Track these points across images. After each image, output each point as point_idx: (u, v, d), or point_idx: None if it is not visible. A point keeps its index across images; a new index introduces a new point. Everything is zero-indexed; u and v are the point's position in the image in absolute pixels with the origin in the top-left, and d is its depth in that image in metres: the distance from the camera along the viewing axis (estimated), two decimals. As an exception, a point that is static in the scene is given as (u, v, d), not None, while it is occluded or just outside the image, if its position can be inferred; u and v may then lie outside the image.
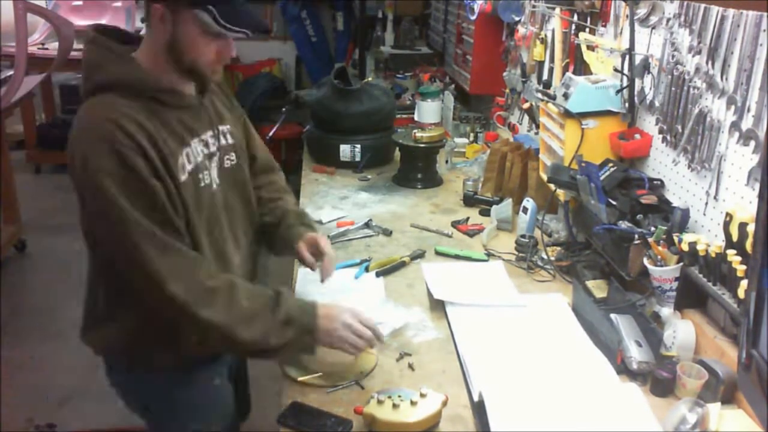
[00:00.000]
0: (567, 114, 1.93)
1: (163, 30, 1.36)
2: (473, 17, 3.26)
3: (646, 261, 1.60)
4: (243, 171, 1.59)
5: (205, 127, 1.47)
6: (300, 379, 1.45)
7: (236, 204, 1.56)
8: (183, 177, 1.37)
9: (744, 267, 1.31)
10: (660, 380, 1.44)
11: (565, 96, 1.95)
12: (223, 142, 1.52)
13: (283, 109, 4.87)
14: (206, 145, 1.46)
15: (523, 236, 2.12)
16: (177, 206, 1.34)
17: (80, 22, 5.16)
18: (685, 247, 1.49)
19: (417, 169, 2.69)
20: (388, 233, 2.23)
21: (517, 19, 2.91)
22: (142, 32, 1.45)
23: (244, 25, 1.35)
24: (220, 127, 1.53)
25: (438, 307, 1.79)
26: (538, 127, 2.47)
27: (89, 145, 1.28)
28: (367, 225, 2.28)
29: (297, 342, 1.39)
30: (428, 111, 3.18)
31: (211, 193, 1.46)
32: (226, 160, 1.53)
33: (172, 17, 1.34)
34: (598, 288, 1.82)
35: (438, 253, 2.12)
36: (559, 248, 2.07)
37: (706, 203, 1.59)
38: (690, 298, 1.54)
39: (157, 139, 1.32)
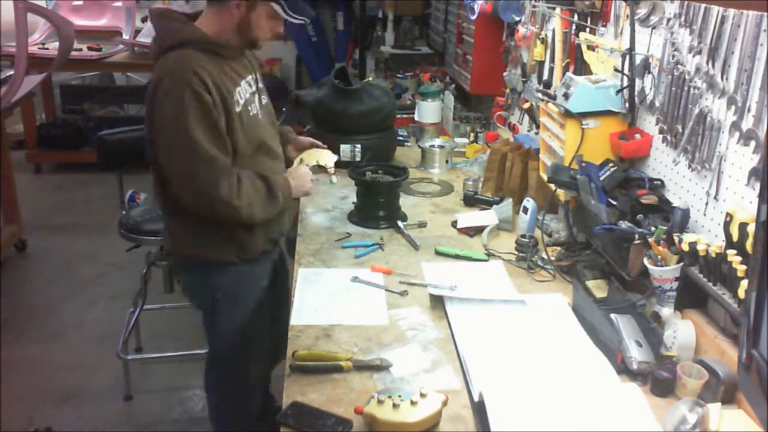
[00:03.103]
0: (567, 114, 1.93)
1: (236, 13, 1.82)
2: (473, 17, 3.26)
3: (646, 261, 1.60)
4: (270, 106, 2.13)
5: (248, 72, 1.96)
6: None
7: (271, 128, 2.09)
8: (237, 108, 1.84)
9: (744, 267, 1.31)
10: (660, 380, 1.44)
11: (566, 96, 1.95)
12: (259, 85, 2.03)
13: (284, 109, 4.87)
14: (249, 84, 1.95)
15: (523, 236, 2.12)
16: (232, 130, 1.82)
17: (80, 22, 5.17)
18: (685, 247, 1.49)
19: (378, 206, 2.35)
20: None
21: (517, 19, 2.91)
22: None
23: (301, 14, 1.88)
24: (255, 74, 2.02)
25: (438, 307, 1.79)
26: (538, 127, 2.47)
27: (173, 85, 1.72)
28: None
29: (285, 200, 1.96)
30: (428, 111, 3.18)
31: (258, 120, 1.97)
32: (263, 98, 2.05)
33: (246, 5, 1.81)
34: (598, 288, 1.82)
35: (438, 253, 2.12)
36: (559, 248, 2.07)
37: (707, 203, 1.59)
38: (690, 298, 1.54)
39: (218, 82, 1.77)
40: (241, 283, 2.02)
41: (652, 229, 1.61)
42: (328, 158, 2.23)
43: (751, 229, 1.32)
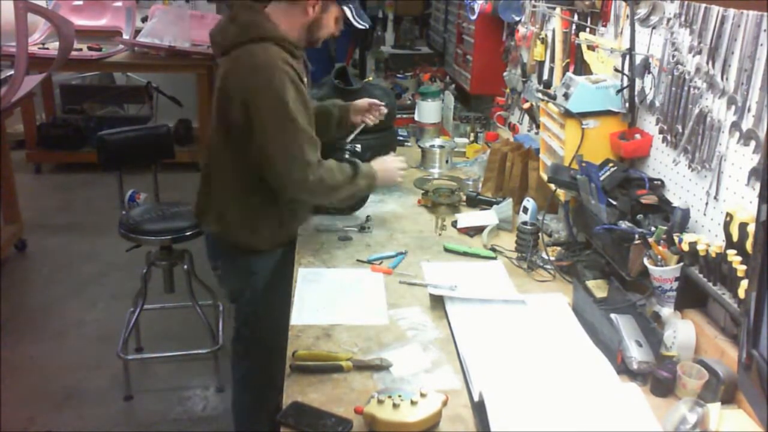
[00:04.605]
0: (567, 114, 1.93)
1: (311, 13, 1.97)
2: (473, 17, 3.26)
3: (646, 261, 1.60)
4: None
5: (303, 71, 2.05)
6: None
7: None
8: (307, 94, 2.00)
9: (744, 267, 1.31)
10: (660, 380, 1.44)
11: (566, 96, 1.95)
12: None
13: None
14: (304, 82, 2.02)
15: (525, 223, 2.11)
16: (308, 111, 1.98)
17: (80, 21, 5.17)
18: (685, 247, 1.49)
19: None
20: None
21: (517, 19, 2.91)
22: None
23: (365, 20, 2.11)
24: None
25: (438, 307, 1.79)
26: (538, 127, 2.48)
27: (273, 72, 1.86)
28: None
29: (369, 187, 2.14)
30: (428, 111, 3.18)
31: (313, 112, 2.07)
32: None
33: (321, 8, 1.98)
34: (598, 288, 1.82)
35: (447, 250, 2.13)
36: (559, 248, 2.08)
37: (707, 203, 1.59)
38: (690, 298, 1.54)
39: (299, 75, 1.95)
40: (278, 268, 2.14)
41: (652, 229, 1.61)
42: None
43: (751, 229, 1.32)
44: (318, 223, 2.29)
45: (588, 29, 2.22)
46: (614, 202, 1.74)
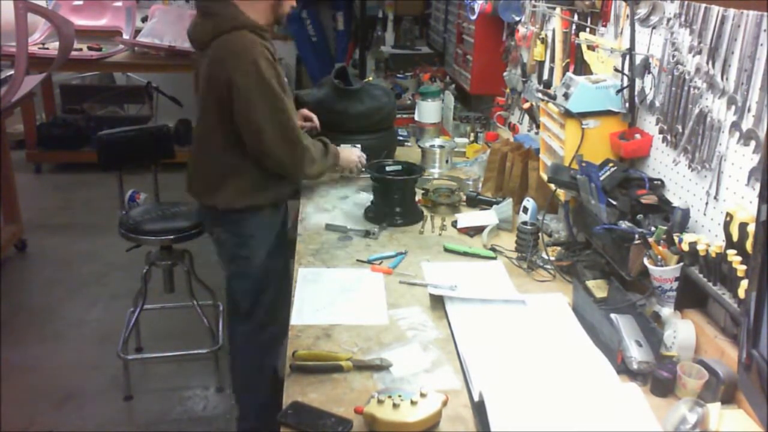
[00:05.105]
0: (567, 114, 1.93)
1: None
2: (473, 17, 3.26)
3: (646, 261, 1.60)
4: None
5: (275, 52, 2.18)
6: None
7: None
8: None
9: (744, 267, 1.31)
10: (660, 380, 1.44)
11: (566, 96, 1.95)
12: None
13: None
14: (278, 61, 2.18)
15: (525, 223, 2.11)
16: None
17: (80, 21, 5.17)
18: (685, 247, 1.49)
19: (394, 203, 2.34)
20: None
21: (517, 19, 2.91)
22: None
23: None
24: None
25: (438, 307, 1.79)
26: (538, 127, 2.48)
27: (253, 55, 2.03)
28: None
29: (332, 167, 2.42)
30: (428, 111, 3.18)
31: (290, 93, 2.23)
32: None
33: None
34: (598, 288, 1.82)
35: (447, 250, 2.13)
36: (559, 248, 2.08)
37: (707, 203, 1.59)
38: (690, 298, 1.54)
39: (274, 56, 2.12)
40: (271, 224, 2.35)
41: (652, 229, 1.61)
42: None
43: (751, 229, 1.32)
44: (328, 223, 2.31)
45: (588, 29, 2.22)
46: (614, 202, 1.74)
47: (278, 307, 2.37)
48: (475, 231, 2.26)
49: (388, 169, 2.46)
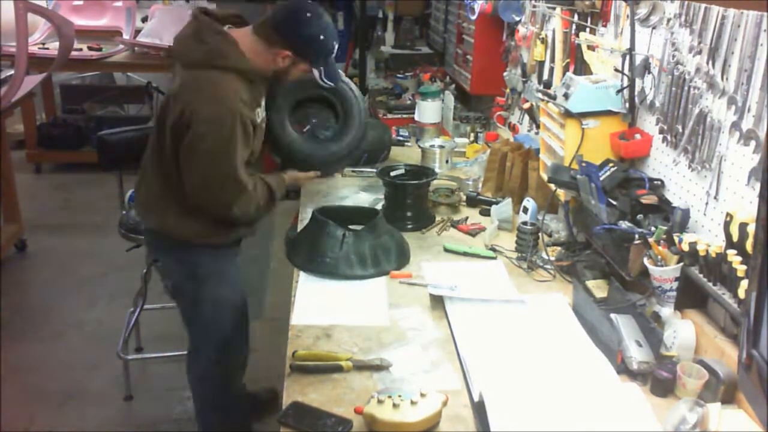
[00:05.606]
0: (567, 114, 1.93)
1: (279, 62, 1.97)
2: (474, 17, 3.26)
3: (646, 261, 1.60)
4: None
5: (262, 96, 2.08)
6: None
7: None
8: (258, 120, 2.03)
9: (744, 267, 1.31)
10: (660, 380, 1.44)
11: (566, 96, 1.95)
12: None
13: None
14: (260, 106, 2.07)
15: (525, 223, 2.11)
16: (253, 141, 1.99)
17: (80, 21, 5.16)
18: (685, 247, 1.49)
19: (406, 207, 2.32)
20: None
21: (517, 19, 2.91)
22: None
23: (333, 79, 2.08)
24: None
25: (438, 306, 1.79)
26: (538, 127, 2.48)
27: (223, 112, 1.86)
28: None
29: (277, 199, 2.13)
30: (428, 111, 3.18)
31: (261, 130, 2.09)
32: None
33: (292, 61, 1.97)
34: (598, 288, 1.82)
35: (447, 250, 2.13)
36: (559, 248, 2.07)
37: (707, 203, 1.59)
38: (690, 298, 1.54)
39: (252, 106, 1.96)
40: (221, 258, 2.16)
41: (652, 229, 1.61)
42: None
43: (751, 229, 1.32)
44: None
45: (588, 29, 2.22)
46: (614, 202, 1.74)
47: (234, 339, 2.27)
48: (477, 230, 2.26)
49: (394, 174, 2.39)
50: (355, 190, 2.64)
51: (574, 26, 2.32)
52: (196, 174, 1.93)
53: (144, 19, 5.38)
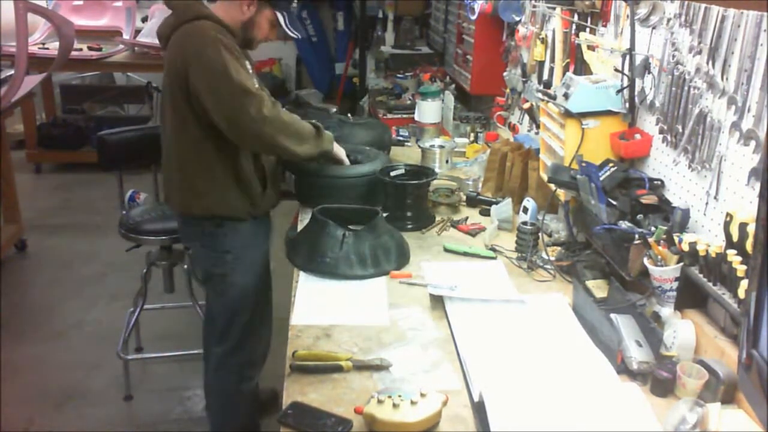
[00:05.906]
0: (567, 114, 1.93)
1: (246, 11, 2.09)
2: (474, 17, 3.26)
3: (646, 261, 1.60)
4: None
5: (244, 58, 2.10)
6: None
7: None
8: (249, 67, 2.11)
9: (744, 267, 1.31)
10: (660, 380, 1.44)
11: (566, 96, 1.95)
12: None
13: (284, 109, 4.87)
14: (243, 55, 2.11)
15: (525, 223, 2.11)
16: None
17: (80, 21, 5.17)
18: (685, 247, 1.49)
19: (406, 207, 2.31)
20: None
21: (517, 19, 2.91)
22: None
23: (296, 30, 2.21)
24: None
25: (438, 306, 1.79)
26: (538, 127, 2.48)
27: (206, 39, 1.97)
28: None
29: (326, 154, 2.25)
30: (428, 111, 3.18)
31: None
32: None
33: (256, 8, 2.10)
34: (598, 288, 1.82)
35: (447, 250, 2.13)
36: (559, 248, 2.07)
37: (707, 203, 1.59)
38: (690, 298, 1.54)
39: (231, 50, 2.00)
40: (251, 242, 2.23)
41: (652, 229, 1.61)
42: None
43: (751, 229, 1.32)
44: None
45: (588, 29, 2.22)
46: (614, 202, 1.74)
47: (257, 329, 2.34)
48: (477, 230, 2.26)
49: (394, 174, 2.38)
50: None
51: (574, 26, 2.32)
52: (214, 100, 1.97)
53: (144, 19, 5.39)
